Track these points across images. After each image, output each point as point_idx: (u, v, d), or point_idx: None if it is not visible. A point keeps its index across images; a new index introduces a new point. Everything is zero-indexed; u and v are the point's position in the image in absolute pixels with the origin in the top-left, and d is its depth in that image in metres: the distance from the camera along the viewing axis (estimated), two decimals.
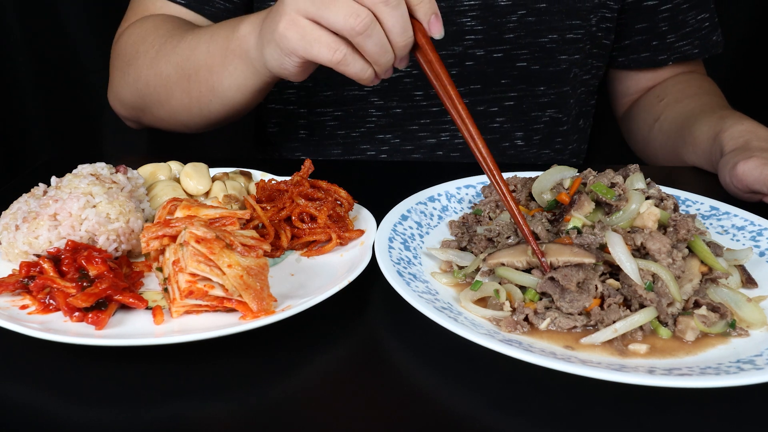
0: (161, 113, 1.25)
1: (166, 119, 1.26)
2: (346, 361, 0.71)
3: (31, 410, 0.62)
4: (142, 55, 1.22)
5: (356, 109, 1.36)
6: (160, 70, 1.19)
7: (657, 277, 0.74)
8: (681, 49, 1.40)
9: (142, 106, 1.27)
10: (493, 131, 1.36)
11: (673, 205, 0.86)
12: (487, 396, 0.65)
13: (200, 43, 1.13)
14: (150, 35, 1.22)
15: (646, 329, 0.72)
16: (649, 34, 1.40)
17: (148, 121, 1.31)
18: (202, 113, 1.19)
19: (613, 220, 0.82)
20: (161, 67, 1.18)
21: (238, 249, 0.75)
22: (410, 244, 0.88)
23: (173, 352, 0.69)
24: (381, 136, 1.37)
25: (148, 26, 1.25)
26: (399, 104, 1.34)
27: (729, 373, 0.63)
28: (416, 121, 1.35)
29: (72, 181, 0.86)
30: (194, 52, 1.13)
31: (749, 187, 1.04)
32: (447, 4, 1.25)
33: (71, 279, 0.75)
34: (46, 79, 1.86)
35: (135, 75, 1.23)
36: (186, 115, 1.21)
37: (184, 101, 1.19)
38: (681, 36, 1.39)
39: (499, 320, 0.74)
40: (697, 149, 1.23)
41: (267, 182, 0.97)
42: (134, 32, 1.26)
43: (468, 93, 1.32)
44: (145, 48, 1.21)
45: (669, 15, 1.37)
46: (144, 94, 1.24)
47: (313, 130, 1.41)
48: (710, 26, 1.40)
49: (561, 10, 1.27)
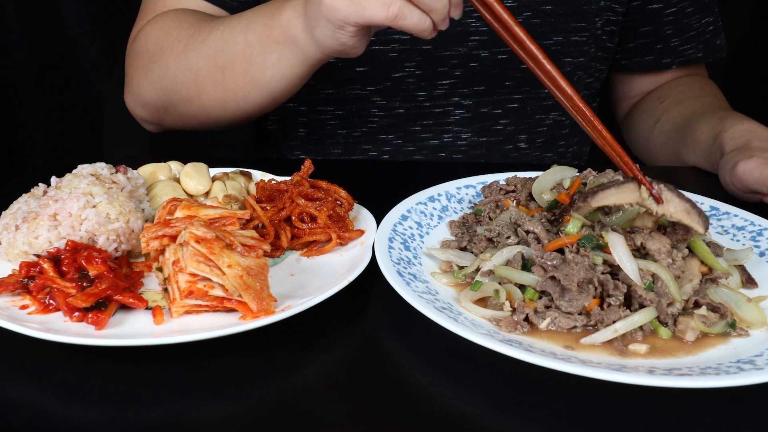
0: (190, 110, 1.20)
1: (195, 116, 1.21)
2: (346, 361, 0.71)
3: (31, 410, 0.62)
4: (167, 51, 1.17)
5: (358, 108, 1.35)
6: (190, 64, 1.14)
7: (657, 277, 0.74)
8: (685, 53, 1.40)
9: (167, 104, 1.22)
10: (497, 133, 1.36)
11: None
12: (487, 396, 0.65)
13: (235, 34, 1.09)
14: (174, 30, 1.18)
15: (646, 329, 0.72)
16: (653, 38, 1.40)
17: (171, 122, 1.27)
18: (239, 106, 1.15)
19: (612, 220, 0.82)
20: (191, 60, 1.14)
21: (238, 249, 0.75)
22: (410, 244, 0.88)
23: (173, 352, 0.69)
24: (383, 136, 1.37)
25: (170, 20, 1.21)
26: (402, 104, 1.33)
27: (729, 373, 0.63)
28: (419, 122, 1.35)
29: (72, 181, 0.86)
30: (228, 43, 1.09)
31: (749, 187, 1.04)
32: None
33: (71, 279, 0.75)
34: (46, 79, 1.86)
35: (160, 72, 1.19)
36: (219, 109, 1.17)
37: (218, 95, 1.15)
38: (685, 40, 1.39)
39: (499, 320, 0.74)
40: (697, 149, 1.24)
41: (267, 182, 0.97)
42: (154, 28, 1.22)
43: (472, 94, 1.32)
44: (170, 42, 1.17)
45: (674, 18, 1.37)
46: (171, 92, 1.19)
47: (313, 128, 1.41)
48: (714, 30, 1.40)
49: (566, 13, 1.27)
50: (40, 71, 1.84)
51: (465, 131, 1.35)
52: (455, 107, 1.33)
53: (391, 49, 1.27)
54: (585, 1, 1.27)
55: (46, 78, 1.86)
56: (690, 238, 0.79)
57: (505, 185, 0.98)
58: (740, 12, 1.87)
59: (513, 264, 0.80)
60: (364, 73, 1.30)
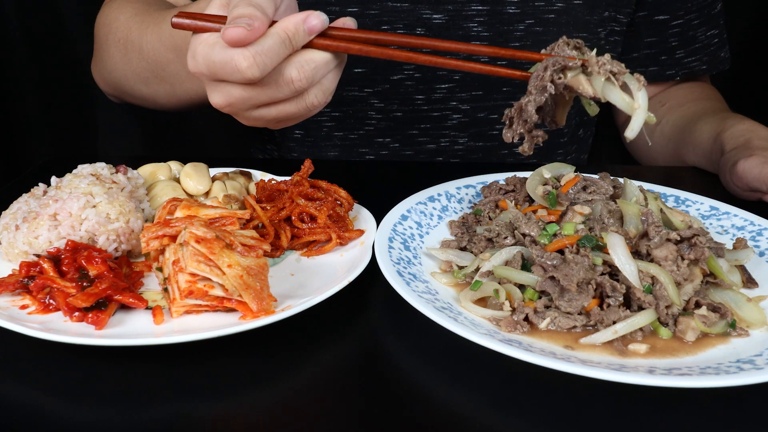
0: (147, 103, 1.21)
1: (153, 107, 1.22)
2: (346, 361, 0.71)
3: (31, 410, 0.62)
4: (112, 46, 1.17)
5: (355, 110, 1.34)
6: (135, 69, 1.14)
7: (656, 279, 0.74)
8: (689, 65, 1.39)
9: (121, 92, 1.24)
10: (493, 138, 1.36)
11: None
12: (487, 396, 0.65)
13: (159, 43, 1.07)
14: (119, 19, 1.16)
15: (645, 329, 0.72)
16: (657, 48, 1.38)
17: (132, 102, 1.28)
18: (195, 101, 1.15)
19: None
20: (134, 65, 1.13)
21: (238, 249, 0.75)
22: (410, 244, 0.88)
23: (173, 352, 0.69)
24: (380, 139, 1.36)
25: (119, 4, 1.19)
26: (399, 107, 1.33)
27: (729, 373, 0.63)
28: (416, 125, 1.34)
29: (72, 181, 0.86)
30: (157, 53, 1.08)
31: (749, 185, 1.04)
32: (454, 8, 1.24)
33: (71, 279, 0.75)
34: (46, 79, 1.86)
35: (110, 66, 1.19)
36: (175, 104, 1.18)
37: (172, 100, 1.16)
38: (690, 52, 1.38)
39: (499, 320, 0.74)
40: (697, 149, 1.24)
41: (267, 182, 0.97)
42: (107, 12, 1.21)
43: (469, 99, 1.32)
44: (115, 38, 1.16)
45: (679, 30, 1.36)
46: (122, 85, 1.20)
47: (308, 130, 1.40)
48: (719, 42, 1.40)
49: (569, 22, 1.26)
50: (40, 71, 1.84)
51: (462, 135, 1.35)
52: (453, 111, 1.33)
53: None
54: (588, 11, 1.27)
55: (46, 78, 1.86)
56: (702, 266, 0.77)
57: (504, 185, 0.98)
58: (740, 12, 1.86)
59: (512, 264, 0.80)
60: (362, 75, 1.30)
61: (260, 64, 0.71)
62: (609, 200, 0.88)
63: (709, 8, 1.36)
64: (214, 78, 0.74)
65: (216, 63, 0.72)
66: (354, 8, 1.23)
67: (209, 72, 0.73)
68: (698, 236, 0.77)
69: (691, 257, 0.76)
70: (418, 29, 1.24)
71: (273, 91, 0.75)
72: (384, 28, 1.24)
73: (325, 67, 0.76)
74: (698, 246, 0.76)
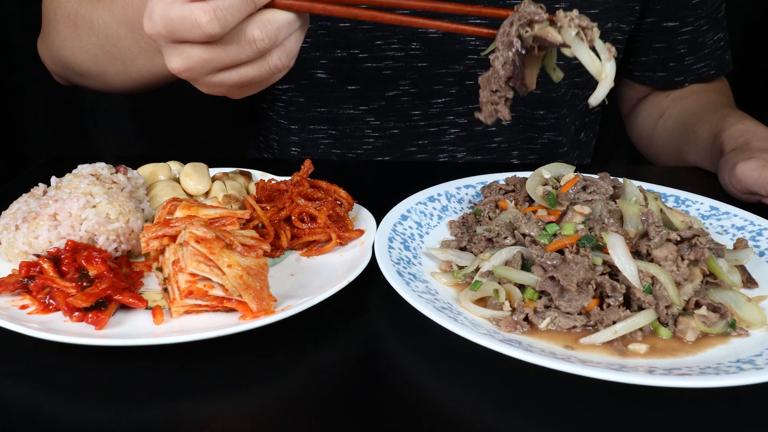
0: (95, 84, 1.16)
1: (102, 89, 1.17)
2: (346, 361, 0.71)
3: (31, 410, 0.62)
4: (61, 22, 1.11)
5: (352, 129, 1.33)
6: (84, 46, 1.08)
7: (656, 279, 0.74)
8: (698, 71, 1.38)
9: (69, 73, 1.18)
10: (491, 151, 1.35)
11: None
12: (487, 396, 0.65)
13: (111, 17, 1.02)
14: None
15: (645, 329, 0.72)
16: (666, 54, 1.37)
17: (80, 83, 1.22)
18: (146, 80, 1.10)
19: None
20: (83, 42, 1.08)
21: (238, 249, 0.75)
22: (410, 244, 0.88)
23: (173, 352, 0.69)
24: (379, 158, 1.35)
25: None
26: (396, 124, 1.31)
27: (729, 373, 0.63)
28: (414, 141, 1.33)
29: (72, 181, 0.86)
30: (108, 28, 1.03)
31: (748, 189, 1.04)
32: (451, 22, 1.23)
33: (71, 279, 0.75)
34: (46, 79, 1.85)
35: (58, 43, 1.13)
36: (126, 83, 1.13)
37: (122, 78, 1.10)
38: (699, 58, 1.37)
39: (498, 320, 0.74)
40: (698, 147, 1.23)
41: (267, 182, 0.97)
42: None
43: (466, 113, 1.30)
44: (64, 13, 1.10)
45: (689, 38, 1.34)
46: (70, 64, 1.14)
47: (304, 147, 1.38)
48: (725, 45, 1.39)
49: None
50: (40, 71, 1.84)
51: (460, 150, 1.34)
52: (450, 126, 1.32)
53: (384, 67, 1.25)
54: None
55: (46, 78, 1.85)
56: (702, 266, 0.77)
57: (504, 185, 0.98)
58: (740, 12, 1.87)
59: (512, 264, 0.80)
60: (356, 92, 1.28)
61: (221, 18, 0.68)
62: (609, 200, 0.88)
63: (716, 12, 1.35)
64: (172, 38, 0.71)
65: (174, 20, 0.69)
66: None
67: (167, 31, 0.70)
68: (698, 237, 0.77)
69: (691, 257, 0.76)
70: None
71: (234, 51, 0.72)
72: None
73: (288, 28, 0.73)
74: (698, 246, 0.76)
